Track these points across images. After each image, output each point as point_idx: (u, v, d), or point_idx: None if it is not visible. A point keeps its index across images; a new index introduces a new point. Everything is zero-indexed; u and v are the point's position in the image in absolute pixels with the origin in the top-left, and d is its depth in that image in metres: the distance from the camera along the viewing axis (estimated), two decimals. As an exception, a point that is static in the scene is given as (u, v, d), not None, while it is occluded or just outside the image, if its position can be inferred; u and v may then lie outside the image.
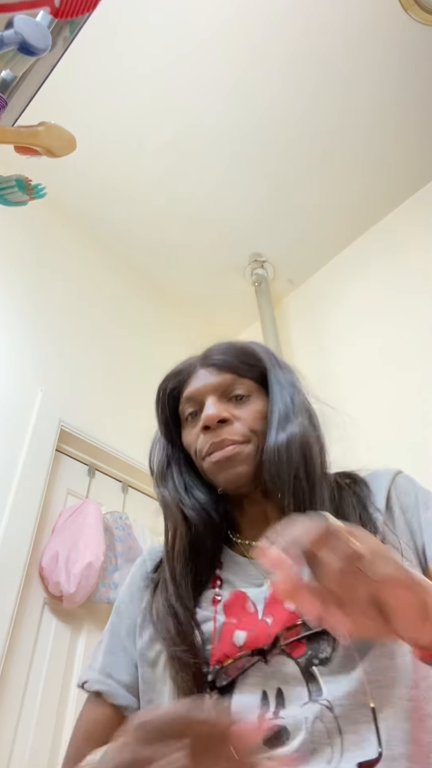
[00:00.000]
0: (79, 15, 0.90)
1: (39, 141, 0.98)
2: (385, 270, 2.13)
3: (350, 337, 2.10)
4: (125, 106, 1.94)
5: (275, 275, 2.46)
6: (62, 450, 1.73)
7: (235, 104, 1.94)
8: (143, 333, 2.31)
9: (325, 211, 2.25)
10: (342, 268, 2.34)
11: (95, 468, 1.82)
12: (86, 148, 1.94)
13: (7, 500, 1.43)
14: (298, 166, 2.11)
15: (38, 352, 1.80)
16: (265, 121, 1.98)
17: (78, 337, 1.98)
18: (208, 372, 0.76)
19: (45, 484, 1.54)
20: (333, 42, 1.80)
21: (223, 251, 2.39)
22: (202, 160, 2.09)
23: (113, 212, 2.25)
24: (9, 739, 1.25)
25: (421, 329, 1.85)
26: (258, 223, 2.29)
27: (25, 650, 1.37)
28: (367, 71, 1.86)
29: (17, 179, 1.05)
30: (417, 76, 1.87)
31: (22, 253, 1.97)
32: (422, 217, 2.11)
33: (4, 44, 0.83)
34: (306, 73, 1.87)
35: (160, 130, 2.01)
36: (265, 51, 1.82)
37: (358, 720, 0.53)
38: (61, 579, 1.39)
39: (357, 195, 2.19)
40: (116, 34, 1.78)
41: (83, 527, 1.52)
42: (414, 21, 1.75)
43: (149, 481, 2.14)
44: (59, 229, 2.20)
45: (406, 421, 1.72)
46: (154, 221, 2.28)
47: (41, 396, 1.68)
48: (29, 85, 1.04)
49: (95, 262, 2.29)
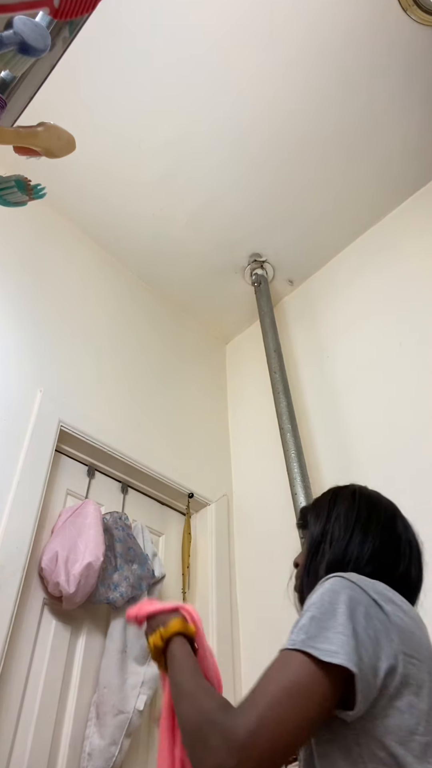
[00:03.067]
0: (78, 16, 0.90)
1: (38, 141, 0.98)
2: (385, 270, 2.13)
3: (349, 337, 2.10)
4: (125, 107, 1.94)
5: (275, 275, 2.46)
6: (62, 450, 1.73)
7: (235, 104, 1.94)
8: (143, 333, 2.31)
9: (325, 212, 2.25)
10: (341, 269, 2.34)
11: (95, 468, 1.82)
12: (86, 149, 1.95)
13: (6, 500, 1.43)
14: (297, 166, 2.11)
15: (38, 352, 1.80)
16: (264, 121, 1.98)
17: (78, 337, 1.98)
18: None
19: (44, 485, 1.54)
20: (332, 43, 1.80)
21: (223, 251, 2.39)
22: (202, 160, 2.09)
23: (113, 212, 2.25)
24: (8, 739, 1.25)
25: (420, 329, 1.85)
26: (258, 224, 2.29)
27: (25, 651, 1.36)
28: (367, 72, 1.86)
29: (17, 179, 1.05)
30: (416, 77, 1.87)
31: (22, 253, 1.97)
32: (422, 217, 2.11)
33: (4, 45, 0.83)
34: (305, 74, 1.87)
35: (160, 130, 2.01)
36: (264, 52, 1.82)
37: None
38: (60, 579, 1.39)
39: (356, 195, 2.20)
40: (116, 35, 1.78)
41: (83, 528, 1.51)
42: (413, 21, 1.75)
43: (149, 481, 2.15)
44: (59, 229, 2.20)
45: (405, 421, 1.72)
46: (154, 221, 2.28)
47: (41, 396, 1.68)
48: (29, 86, 1.04)
49: (95, 262, 2.29)
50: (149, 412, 2.09)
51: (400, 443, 1.70)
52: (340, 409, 1.97)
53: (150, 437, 2.01)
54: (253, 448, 2.24)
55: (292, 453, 1.77)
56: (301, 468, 1.73)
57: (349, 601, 0.73)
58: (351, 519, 0.95)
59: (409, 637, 0.75)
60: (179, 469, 2.02)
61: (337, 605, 0.73)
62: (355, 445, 1.83)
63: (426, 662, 0.75)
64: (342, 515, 0.96)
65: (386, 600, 0.77)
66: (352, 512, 0.96)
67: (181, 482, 1.98)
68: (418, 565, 0.95)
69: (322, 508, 1.01)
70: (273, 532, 1.89)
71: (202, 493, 2.04)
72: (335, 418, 1.96)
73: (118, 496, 1.85)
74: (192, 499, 2.00)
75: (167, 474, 1.95)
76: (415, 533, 1.00)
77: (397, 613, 0.77)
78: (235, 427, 2.41)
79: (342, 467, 1.82)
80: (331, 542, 0.93)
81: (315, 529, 0.98)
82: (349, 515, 0.96)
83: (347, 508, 0.98)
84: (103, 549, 1.48)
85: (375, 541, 0.91)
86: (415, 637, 0.76)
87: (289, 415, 1.88)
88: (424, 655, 0.75)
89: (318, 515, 1.00)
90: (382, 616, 0.75)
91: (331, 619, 0.71)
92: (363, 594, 0.76)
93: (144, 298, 2.45)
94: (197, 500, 2.02)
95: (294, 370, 2.22)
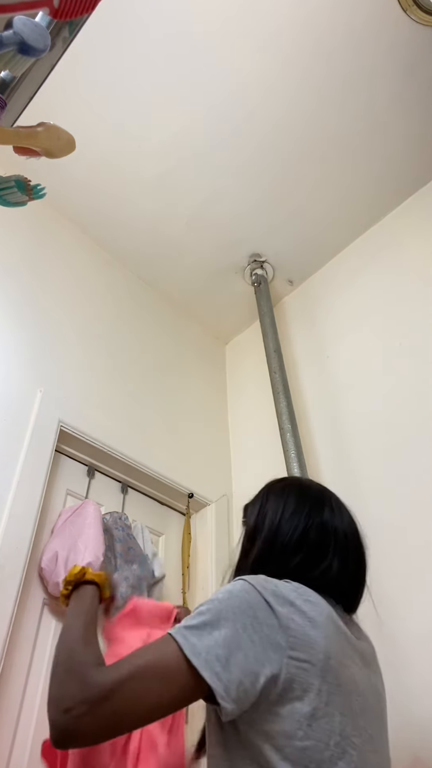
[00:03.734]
0: (78, 16, 0.90)
1: (38, 141, 0.98)
2: (385, 270, 2.13)
3: (350, 337, 2.10)
4: (125, 107, 1.95)
5: (275, 275, 2.46)
6: (62, 450, 1.73)
7: (235, 105, 1.94)
8: (143, 333, 2.31)
9: (325, 212, 2.25)
10: (341, 269, 2.34)
11: (95, 468, 1.82)
12: (86, 149, 1.94)
13: (6, 501, 1.43)
14: (297, 166, 2.11)
15: (38, 352, 1.80)
16: (264, 121, 1.98)
17: (78, 337, 1.98)
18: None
19: (44, 485, 1.54)
20: (332, 43, 1.80)
21: (223, 251, 2.39)
22: (201, 160, 2.09)
23: (113, 213, 2.25)
24: (8, 739, 1.25)
25: (420, 329, 1.85)
26: (257, 224, 2.29)
27: (25, 651, 1.36)
28: (366, 72, 1.86)
29: (16, 180, 1.05)
30: (416, 77, 1.87)
31: (22, 253, 1.97)
32: (422, 217, 2.11)
33: (4, 45, 0.83)
34: (304, 74, 1.87)
35: (160, 130, 2.01)
36: (263, 52, 1.82)
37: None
38: (60, 579, 1.39)
39: (356, 195, 2.20)
40: (115, 35, 1.78)
41: (83, 528, 1.51)
42: (413, 22, 1.75)
43: (149, 481, 2.15)
44: (59, 230, 2.20)
45: (405, 421, 1.72)
46: (153, 222, 2.28)
47: (41, 396, 1.68)
48: (28, 86, 1.04)
49: (95, 263, 2.29)
50: (149, 412, 2.09)
51: (400, 443, 1.70)
52: (340, 409, 1.97)
53: (150, 437, 2.01)
54: (253, 448, 2.24)
55: (292, 453, 1.77)
56: (301, 468, 1.73)
57: (240, 605, 0.75)
58: (279, 509, 0.96)
59: (302, 640, 0.75)
60: (179, 469, 2.02)
61: (227, 610, 0.74)
62: (354, 445, 1.84)
63: (319, 664, 0.75)
64: (271, 506, 0.98)
65: (283, 603, 0.77)
66: (280, 502, 0.97)
67: (181, 482, 1.98)
68: (347, 556, 0.93)
69: (256, 502, 1.03)
70: (273, 532, 1.89)
71: (202, 493, 2.04)
72: (335, 418, 1.96)
73: (118, 496, 1.85)
74: (192, 499, 2.00)
75: (167, 474, 1.95)
76: (350, 522, 0.99)
77: (292, 615, 0.76)
78: (235, 427, 2.41)
79: (342, 467, 1.82)
80: (261, 534, 0.94)
81: (249, 522, 1.00)
82: (278, 505, 0.97)
83: (276, 498, 0.99)
84: (103, 549, 1.48)
85: (299, 528, 0.92)
86: (310, 639, 0.76)
87: (289, 415, 1.88)
88: (318, 657, 0.75)
89: (252, 510, 1.02)
90: (273, 620, 0.75)
91: (215, 620, 0.73)
92: (258, 598, 0.76)
93: (144, 298, 2.45)
94: (197, 500, 2.02)
95: (294, 370, 2.22)
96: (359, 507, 1.78)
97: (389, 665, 1.42)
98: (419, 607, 1.42)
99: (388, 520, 1.59)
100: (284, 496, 0.98)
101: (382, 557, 1.56)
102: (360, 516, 1.78)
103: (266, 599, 0.77)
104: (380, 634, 1.46)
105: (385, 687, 0.95)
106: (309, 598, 0.81)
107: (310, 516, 0.94)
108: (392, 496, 1.63)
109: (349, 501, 1.73)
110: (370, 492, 1.69)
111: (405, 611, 1.43)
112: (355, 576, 0.95)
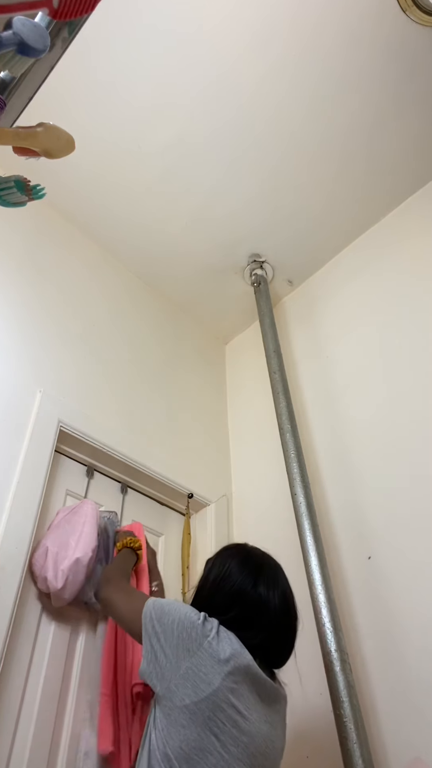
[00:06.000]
0: (77, 16, 0.90)
1: (38, 142, 0.98)
2: (385, 270, 2.14)
3: (349, 337, 2.11)
4: (124, 107, 1.95)
5: (274, 276, 2.46)
6: (61, 451, 1.73)
7: (234, 105, 1.94)
8: (142, 333, 2.31)
9: (325, 212, 2.25)
10: (341, 269, 2.35)
11: (94, 468, 1.82)
12: (85, 149, 1.95)
13: (6, 501, 1.43)
14: (297, 166, 2.11)
15: (38, 352, 1.80)
16: (263, 121, 1.98)
17: (77, 338, 1.98)
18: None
19: (44, 485, 1.54)
20: (332, 43, 1.80)
21: (222, 252, 2.39)
22: (201, 161, 2.09)
23: (113, 213, 2.25)
24: (8, 739, 1.25)
25: (420, 330, 1.85)
26: (257, 224, 2.29)
27: (24, 651, 1.37)
28: (366, 72, 1.86)
29: (16, 180, 1.05)
30: (416, 77, 1.87)
31: (22, 253, 1.97)
32: (422, 217, 2.11)
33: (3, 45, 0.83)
34: (304, 74, 1.87)
35: (160, 130, 2.01)
36: (263, 52, 1.82)
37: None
38: (48, 575, 1.39)
39: (356, 195, 2.20)
40: (115, 35, 1.78)
41: (77, 525, 1.51)
42: (413, 22, 1.75)
43: (148, 481, 2.15)
44: (58, 230, 2.20)
45: (404, 420, 1.72)
46: (153, 222, 2.28)
47: (40, 397, 1.68)
48: (28, 86, 1.04)
49: (95, 263, 2.29)
50: (149, 412, 2.09)
51: (399, 443, 1.70)
52: (340, 409, 1.97)
53: (149, 437, 2.01)
54: (253, 448, 2.25)
55: (291, 453, 1.77)
56: (301, 468, 1.73)
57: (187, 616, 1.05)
58: (222, 571, 1.14)
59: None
60: (179, 469, 2.02)
61: (181, 615, 1.05)
62: (354, 445, 1.84)
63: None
64: (216, 567, 1.17)
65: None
66: (224, 565, 1.15)
67: (180, 482, 1.98)
68: (273, 630, 1.09)
69: (211, 559, 1.22)
70: (272, 533, 1.88)
71: (202, 494, 2.04)
72: (335, 418, 1.96)
73: (117, 497, 1.85)
74: (192, 500, 2.00)
75: (167, 474, 1.95)
76: (283, 596, 1.13)
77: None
78: (234, 427, 2.41)
79: (341, 467, 1.82)
80: (207, 586, 1.15)
81: (203, 572, 1.20)
82: (221, 568, 1.15)
83: (222, 561, 1.18)
84: (94, 546, 1.47)
85: (233, 590, 1.10)
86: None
87: (289, 415, 1.88)
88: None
89: (207, 564, 1.22)
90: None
91: (174, 609, 1.08)
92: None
93: (144, 298, 2.45)
94: (197, 500, 2.02)
95: (293, 370, 2.22)
96: (358, 506, 1.79)
97: (393, 664, 1.42)
98: (420, 608, 1.42)
99: (388, 519, 1.60)
100: (228, 561, 1.16)
101: (382, 557, 1.56)
102: (359, 515, 1.78)
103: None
104: (380, 632, 1.46)
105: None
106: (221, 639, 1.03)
107: (243, 584, 1.11)
108: (392, 496, 1.63)
109: (349, 500, 1.73)
110: (369, 491, 1.69)
111: (406, 607, 1.43)
112: (281, 647, 1.12)
